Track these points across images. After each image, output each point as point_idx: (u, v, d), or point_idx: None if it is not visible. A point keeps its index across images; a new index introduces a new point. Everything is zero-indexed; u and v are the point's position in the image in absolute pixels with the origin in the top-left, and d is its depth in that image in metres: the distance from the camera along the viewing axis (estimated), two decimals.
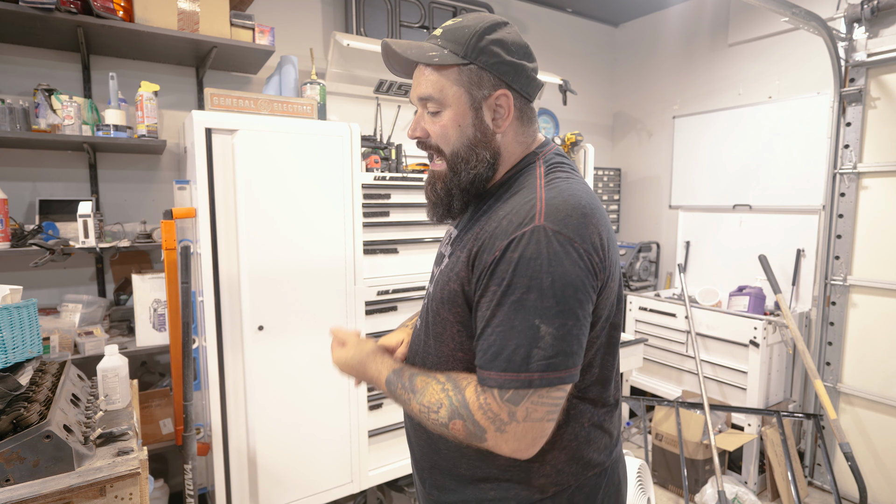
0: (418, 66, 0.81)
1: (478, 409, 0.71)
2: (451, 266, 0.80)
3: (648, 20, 3.84)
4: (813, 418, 2.52)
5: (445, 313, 0.80)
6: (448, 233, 0.95)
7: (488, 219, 0.79)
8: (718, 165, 3.33)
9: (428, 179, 0.87)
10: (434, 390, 0.77)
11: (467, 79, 0.79)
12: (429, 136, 0.82)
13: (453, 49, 0.78)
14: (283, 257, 1.98)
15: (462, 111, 0.79)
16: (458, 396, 0.74)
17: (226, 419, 1.93)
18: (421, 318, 0.91)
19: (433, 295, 0.84)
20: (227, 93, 1.95)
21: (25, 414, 1.13)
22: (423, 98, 0.81)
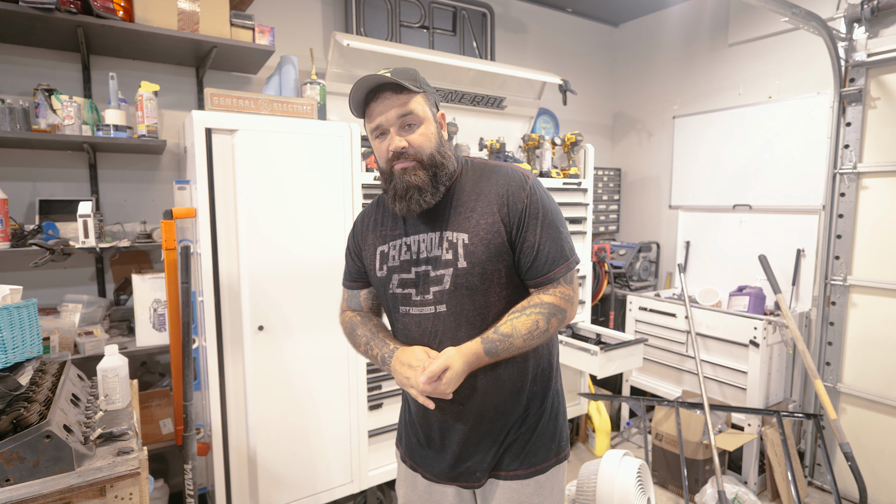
0: (392, 94, 1.04)
1: (560, 301, 1.08)
2: (479, 233, 1.05)
3: (648, 20, 3.84)
4: (813, 418, 2.52)
5: (493, 266, 1.06)
6: (397, 247, 1.13)
7: (478, 195, 1.08)
8: (718, 165, 3.33)
9: (404, 173, 1.05)
10: (522, 321, 1.04)
11: (428, 102, 1.08)
12: (409, 146, 1.05)
13: (412, 83, 1.04)
14: (283, 257, 1.98)
15: (431, 124, 1.08)
16: (542, 308, 1.06)
17: (226, 419, 1.93)
18: (445, 300, 1.08)
19: (469, 267, 1.05)
20: (227, 93, 1.95)
21: (25, 414, 1.13)
22: (405, 115, 1.04)
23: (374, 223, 1.20)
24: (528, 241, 1.06)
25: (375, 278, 1.17)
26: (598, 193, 3.92)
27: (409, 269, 1.11)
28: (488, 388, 1.11)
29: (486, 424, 1.12)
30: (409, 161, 1.05)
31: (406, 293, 1.11)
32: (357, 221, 1.26)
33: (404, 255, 1.12)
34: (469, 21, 3.16)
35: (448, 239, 1.07)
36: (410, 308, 1.11)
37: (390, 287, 1.13)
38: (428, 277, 1.09)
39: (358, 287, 1.26)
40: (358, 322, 1.23)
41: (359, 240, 1.22)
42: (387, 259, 1.14)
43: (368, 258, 1.18)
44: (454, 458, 1.15)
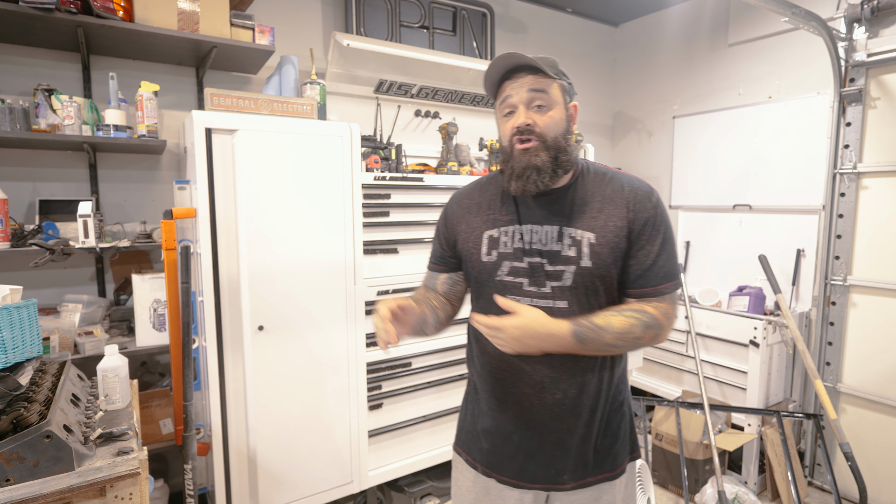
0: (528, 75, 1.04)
1: (661, 316, 1.06)
2: (607, 235, 1.05)
3: (648, 20, 3.84)
4: (813, 418, 2.52)
5: (614, 270, 1.06)
6: (510, 234, 1.11)
7: (604, 198, 1.08)
8: (718, 165, 3.33)
9: (525, 153, 1.04)
10: (618, 320, 1.02)
11: (562, 90, 1.08)
12: (535, 124, 1.04)
13: (551, 69, 1.05)
14: (283, 257, 1.98)
15: (561, 111, 1.07)
16: (642, 315, 1.04)
17: (226, 419, 1.93)
18: (566, 297, 1.06)
19: (593, 267, 1.05)
20: (227, 93, 1.95)
21: (25, 414, 1.13)
22: (537, 92, 1.04)
23: (478, 206, 1.16)
24: (644, 250, 1.06)
25: (478, 263, 1.12)
26: None
27: (522, 258, 1.08)
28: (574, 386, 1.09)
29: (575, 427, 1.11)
30: (531, 141, 1.04)
31: (517, 282, 1.08)
32: (452, 203, 1.22)
33: (517, 242, 1.09)
34: (469, 21, 3.15)
35: (571, 235, 1.06)
36: (521, 298, 1.07)
37: (498, 274, 1.10)
38: (542, 270, 1.06)
39: (438, 270, 1.25)
40: (417, 293, 1.24)
41: (452, 222, 1.19)
42: (497, 244, 1.11)
43: (470, 242, 1.14)
44: (539, 459, 1.12)
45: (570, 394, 1.09)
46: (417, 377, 2.35)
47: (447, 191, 2.40)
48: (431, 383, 2.39)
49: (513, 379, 1.11)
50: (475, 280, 1.15)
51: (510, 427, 1.13)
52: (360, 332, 2.17)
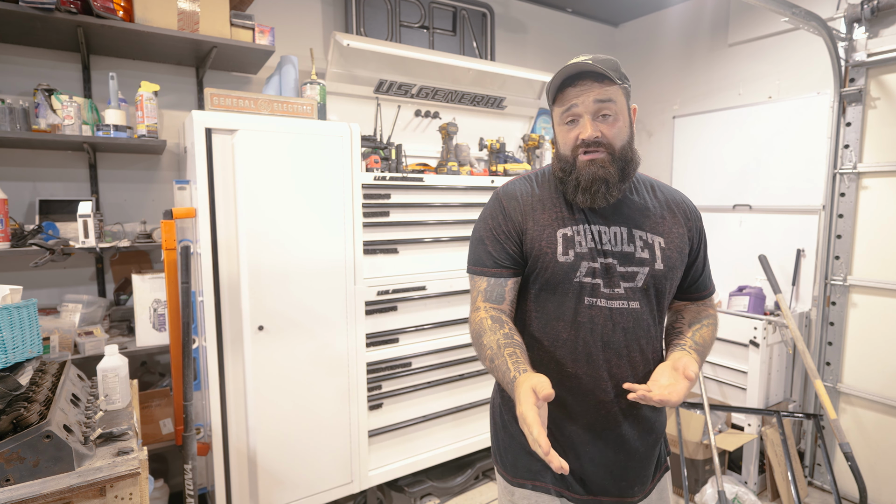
0: (593, 82, 1.00)
1: (716, 313, 1.19)
2: (674, 240, 1.09)
3: (648, 20, 3.84)
4: (813, 418, 2.52)
5: (678, 273, 1.10)
6: (582, 232, 1.07)
7: (661, 204, 1.12)
8: (718, 165, 3.33)
9: (591, 164, 1.02)
10: (707, 332, 1.12)
11: (625, 95, 1.04)
12: (603, 136, 1.01)
13: (615, 74, 1.00)
14: (283, 257, 1.98)
15: (625, 118, 1.04)
16: (713, 319, 1.16)
17: (226, 419, 1.93)
18: (639, 298, 1.06)
19: (665, 270, 1.07)
20: (227, 93, 1.95)
21: (25, 414, 1.13)
22: (603, 102, 1.00)
23: (541, 202, 1.09)
24: (699, 257, 1.15)
25: (555, 264, 1.04)
26: None
27: (596, 258, 1.05)
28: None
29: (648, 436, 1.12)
30: (598, 152, 1.01)
31: (595, 283, 1.04)
32: (509, 199, 1.10)
33: (590, 242, 1.05)
34: (469, 21, 3.15)
35: (641, 237, 1.07)
36: (598, 300, 1.04)
37: (576, 275, 1.04)
38: (615, 271, 1.04)
39: (507, 274, 1.08)
40: (487, 327, 1.03)
41: (515, 217, 1.08)
42: (572, 244, 1.05)
43: (543, 240, 1.06)
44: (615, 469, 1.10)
45: (648, 406, 1.09)
46: (417, 377, 2.35)
47: (447, 191, 2.40)
48: (432, 383, 2.39)
49: (588, 388, 1.05)
50: (547, 282, 1.06)
51: (583, 439, 1.07)
52: (360, 331, 2.17)
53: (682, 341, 1.08)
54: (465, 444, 2.53)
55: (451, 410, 2.45)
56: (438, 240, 2.38)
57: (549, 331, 1.07)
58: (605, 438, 1.07)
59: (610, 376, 1.05)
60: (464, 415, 2.51)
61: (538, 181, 1.14)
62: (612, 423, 1.06)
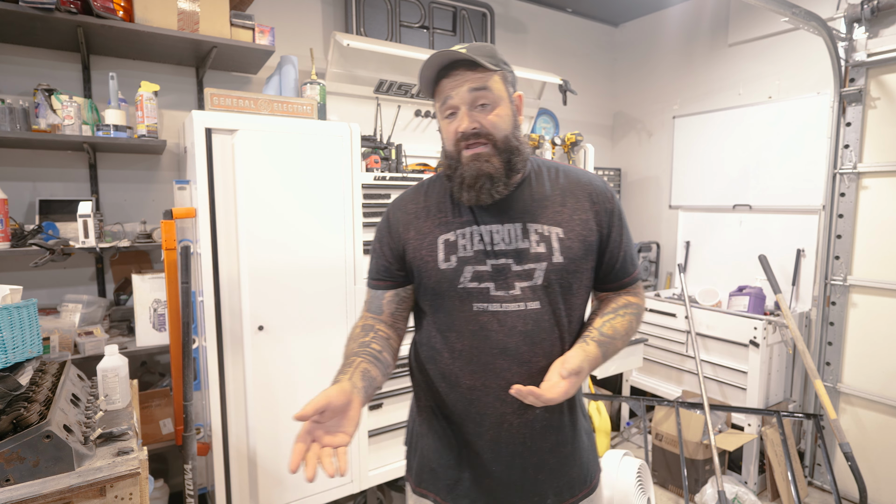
0: (466, 71, 0.95)
1: (642, 301, 1.11)
2: (575, 228, 1.01)
3: (648, 20, 3.84)
4: (813, 418, 2.52)
5: (586, 265, 1.02)
6: (468, 235, 1.01)
7: (564, 191, 1.03)
8: (718, 165, 3.33)
9: (474, 159, 0.97)
10: (619, 322, 1.03)
11: (505, 81, 0.98)
12: (482, 126, 0.96)
13: (490, 60, 0.95)
14: (283, 257, 1.98)
15: (507, 106, 0.98)
16: (633, 308, 1.07)
17: (226, 419, 1.93)
18: (539, 297, 0.99)
19: (566, 263, 0.99)
20: (227, 93, 1.95)
21: (25, 414, 1.13)
22: (479, 90, 0.94)
23: (426, 210, 1.05)
24: (615, 242, 1.04)
25: (436, 272, 1.00)
26: None
27: (485, 260, 0.98)
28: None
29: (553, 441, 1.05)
30: (480, 146, 0.96)
31: (482, 288, 0.98)
32: (395, 210, 1.10)
33: (477, 244, 0.99)
34: (469, 21, 3.16)
35: (537, 231, 0.99)
36: (489, 304, 0.98)
37: (460, 281, 0.98)
38: (509, 271, 0.98)
39: (384, 287, 1.09)
40: (355, 335, 1.06)
41: (398, 230, 1.06)
42: (455, 248, 1.00)
43: (424, 249, 1.02)
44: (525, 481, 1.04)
45: (551, 406, 0.99)
46: None
47: None
48: None
49: (489, 400, 0.99)
50: (433, 291, 1.02)
51: (489, 454, 1.02)
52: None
53: (588, 333, 1.00)
54: None
55: None
56: None
57: (446, 342, 1.02)
58: (513, 453, 1.01)
59: (510, 385, 0.93)
60: None
61: (428, 187, 1.10)
62: (518, 437, 1.00)
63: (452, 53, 0.93)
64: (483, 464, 1.03)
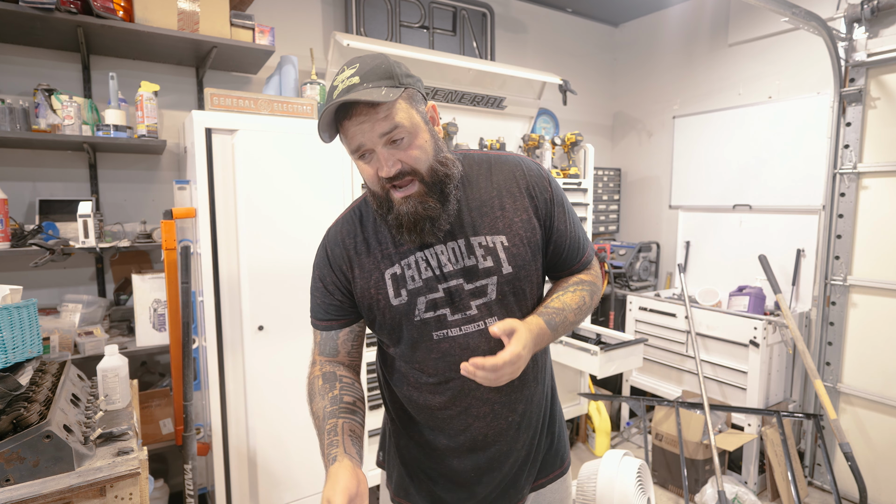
0: (367, 110, 0.84)
1: (596, 278, 1.08)
2: (518, 232, 0.96)
3: (648, 20, 3.84)
4: (813, 418, 2.52)
5: (535, 266, 0.98)
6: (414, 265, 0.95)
7: (499, 190, 0.97)
8: (718, 165, 3.33)
9: (406, 202, 0.88)
10: (569, 297, 1.00)
11: (411, 102, 0.88)
12: (404, 164, 0.87)
13: (388, 84, 0.84)
14: (283, 257, 1.98)
15: (422, 129, 0.88)
16: (584, 284, 1.03)
17: (226, 419, 1.93)
18: (495, 312, 0.96)
19: (515, 271, 0.95)
20: (227, 93, 1.95)
21: (25, 414, 1.13)
22: (390, 131, 0.84)
23: (365, 244, 0.99)
24: (559, 231, 1.00)
25: (389, 308, 0.96)
26: (598, 193, 3.92)
27: (436, 287, 0.94)
28: (530, 385, 1.03)
29: (526, 432, 1.05)
30: (409, 185, 0.88)
31: (439, 315, 0.95)
32: (333, 247, 1.01)
33: (425, 272, 0.95)
34: (469, 21, 3.16)
35: (481, 244, 0.95)
36: (449, 330, 0.95)
37: (416, 314, 0.95)
38: (462, 292, 0.94)
39: (337, 326, 1.03)
40: (318, 389, 1.00)
41: (342, 268, 0.99)
42: (403, 282, 0.95)
43: (372, 287, 0.97)
44: (503, 480, 1.05)
45: (518, 410, 1.02)
46: None
47: None
48: None
49: (462, 417, 0.99)
50: (390, 329, 0.98)
51: (466, 462, 1.02)
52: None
53: (537, 310, 0.97)
54: None
55: None
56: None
57: (412, 374, 1.00)
58: (490, 458, 1.02)
59: (483, 403, 0.98)
60: None
61: (364, 214, 1.01)
62: (492, 443, 1.01)
63: (346, 97, 0.82)
64: (462, 471, 1.03)
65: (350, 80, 0.84)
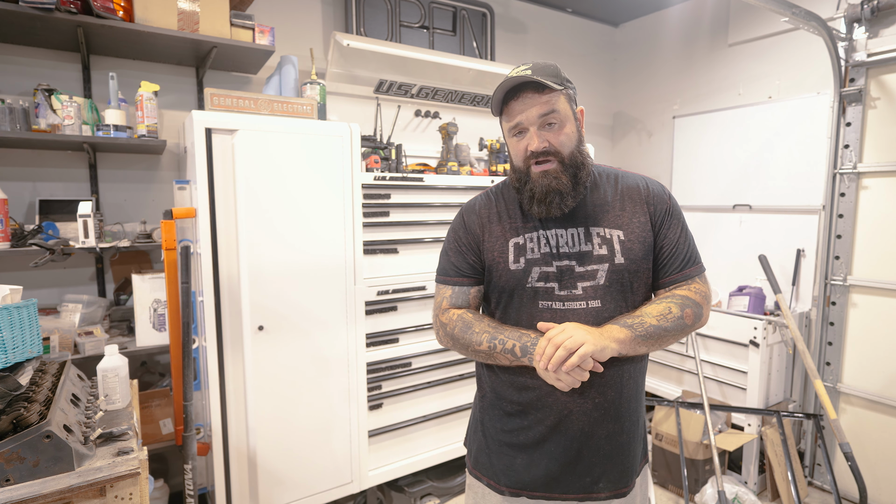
0: (534, 93, 1.02)
1: (693, 294, 1.09)
2: (635, 230, 1.08)
3: (648, 20, 3.84)
4: (813, 418, 2.52)
5: (646, 265, 1.09)
6: (535, 239, 1.10)
7: (622, 195, 1.11)
8: (718, 165, 3.33)
9: (543, 176, 1.04)
10: (654, 307, 1.05)
11: (569, 99, 1.06)
12: (551, 145, 1.04)
13: (554, 80, 1.02)
14: (283, 257, 1.98)
15: (572, 123, 1.06)
16: (676, 299, 1.07)
17: (226, 419, 1.93)
18: (600, 296, 1.06)
19: (627, 263, 1.06)
20: (227, 93, 1.95)
21: (25, 414, 1.13)
22: (547, 114, 1.02)
23: (497, 215, 1.14)
24: (668, 239, 1.10)
25: (507, 272, 1.09)
26: None
27: (551, 262, 1.07)
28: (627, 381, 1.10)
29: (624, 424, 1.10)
30: (549, 163, 1.04)
31: (548, 287, 1.06)
32: (469, 214, 1.18)
33: (544, 247, 1.08)
34: (469, 21, 3.15)
35: (599, 234, 1.07)
36: (553, 303, 1.06)
37: (528, 281, 1.07)
38: (573, 273, 1.06)
39: (469, 283, 1.16)
40: (472, 318, 1.12)
41: (475, 231, 1.15)
42: (523, 251, 1.09)
43: (497, 250, 1.12)
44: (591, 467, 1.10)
45: (608, 396, 1.07)
46: (417, 377, 2.35)
47: (447, 191, 2.40)
48: (431, 383, 2.39)
49: (551, 391, 1.06)
50: (502, 290, 1.11)
51: (547, 437, 1.09)
52: (360, 331, 2.17)
53: (618, 319, 1.05)
54: None
55: (452, 410, 2.45)
56: (438, 240, 2.38)
57: None
58: (571, 438, 1.08)
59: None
60: (464, 414, 2.51)
61: (496, 194, 1.18)
62: (577, 424, 1.07)
63: (522, 77, 1.01)
64: (542, 449, 1.10)
65: (524, 71, 1.03)
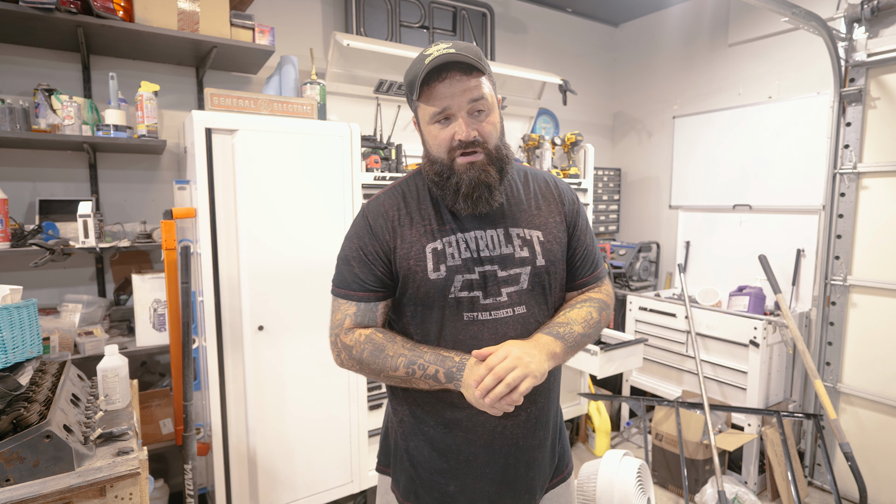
0: (461, 75, 0.92)
1: (606, 297, 1.09)
2: (552, 231, 1.04)
3: (648, 20, 3.84)
4: (813, 418, 2.52)
5: (561, 262, 1.05)
6: (454, 243, 0.99)
7: (536, 193, 1.06)
8: (718, 165, 3.33)
9: (470, 168, 0.95)
10: (578, 313, 1.02)
11: (493, 86, 0.98)
12: (479, 135, 0.94)
13: (480, 63, 0.92)
14: (283, 257, 1.98)
15: (496, 111, 0.98)
16: (594, 302, 1.05)
17: (226, 419, 1.93)
18: (524, 301, 1.00)
19: (547, 265, 1.02)
20: (227, 93, 1.95)
21: (25, 414, 1.13)
22: (478, 100, 0.93)
23: (408, 217, 1.01)
24: (581, 241, 1.07)
25: (426, 282, 0.97)
26: (598, 193, 3.92)
27: (473, 268, 0.97)
28: (548, 389, 1.06)
29: (541, 433, 1.06)
30: (475, 154, 0.94)
31: (472, 297, 0.97)
32: (375, 217, 1.01)
33: (464, 252, 0.98)
34: (469, 21, 3.15)
35: (519, 235, 1.00)
36: (479, 314, 0.97)
37: (451, 291, 0.96)
38: (496, 278, 0.98)
39: (377, 298, 1.01)
40: (383, 340, 0.98)
41: (385, 238, 0.99)
42: (443, 257, 0.97)
43: (413, 258, 0.98)
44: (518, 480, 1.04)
45: (539, 404, 1.03)
46: None
47: None
48: None
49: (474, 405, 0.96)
50: (419, 303, 0.98)
51: (478, 456, 1.01)
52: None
53: (544, 328, 0.99)
54: None
55: None
56: None
57: None
58: (506, 454, 1.02)
59: None
60: None
61: (406, 192, 1.04)
62: (510, 439, 1.01)
63: (450, 55, 0.89)
64: (476, 469, 1.02)
65: (446, 50, 0.91)
